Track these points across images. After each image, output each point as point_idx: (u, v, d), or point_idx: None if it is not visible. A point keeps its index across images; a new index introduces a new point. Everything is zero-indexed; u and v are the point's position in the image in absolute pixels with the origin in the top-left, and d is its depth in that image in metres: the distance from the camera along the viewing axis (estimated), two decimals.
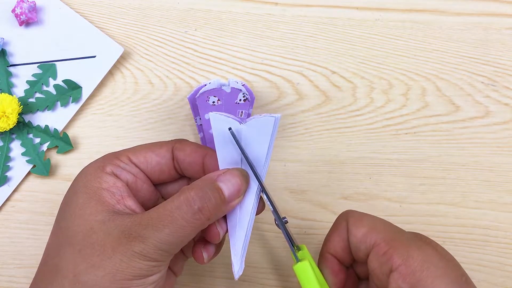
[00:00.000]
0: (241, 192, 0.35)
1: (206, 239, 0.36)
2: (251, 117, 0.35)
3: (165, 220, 0.32)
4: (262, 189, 0.36)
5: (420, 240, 0.35)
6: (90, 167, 0.36)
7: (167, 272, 0.38)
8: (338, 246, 0.37)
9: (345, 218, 0.37)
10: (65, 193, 0.46)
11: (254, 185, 0.36)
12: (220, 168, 0.36)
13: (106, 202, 0.34)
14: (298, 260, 0.36)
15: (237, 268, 0.36)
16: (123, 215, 0.33)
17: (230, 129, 0.35)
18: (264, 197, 0.37)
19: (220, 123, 0.35)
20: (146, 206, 0.38)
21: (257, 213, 0.37)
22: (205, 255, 0.37)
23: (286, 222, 0.37)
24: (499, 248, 0.45)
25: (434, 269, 0.33)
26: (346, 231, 0.37)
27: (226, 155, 0.36)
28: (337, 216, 0.38)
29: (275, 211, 0.37)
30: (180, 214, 0.32)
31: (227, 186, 0.34)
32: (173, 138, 0.46)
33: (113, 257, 0.31)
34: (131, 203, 0.35)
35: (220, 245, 0.38)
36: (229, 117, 0.35)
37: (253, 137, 0.35)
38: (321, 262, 0.38)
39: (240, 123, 0.35)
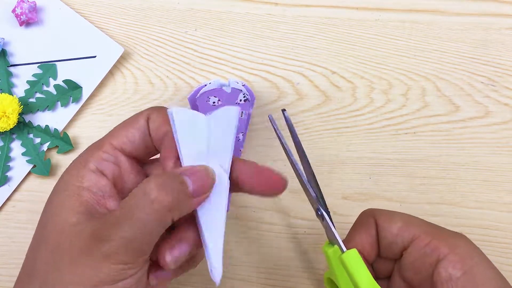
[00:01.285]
0: (207, 188, 0.32)
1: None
2: (213, 111, 0.34)
3: (125, 215, 0.30)
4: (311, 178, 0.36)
5: (458, 234, 0.35)
6: (74, 163, 0.34)
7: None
8: (366, 242, 0.37)
9: (372, 215, 0.37)
10: None
11: (224, 183, 0.34)
12: (185, 165, 0.33)
13: (84, 202, 0.32)
14: (343, 251, 0.35)
15: (217, 273, 0.33)
16: (99, 217, 0.32)
17: (283, 110, 0.35)
18: (304, 179, 0.36)
19: (183, 116, 0.33)
20: None
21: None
22: (168, 257, 0.32)
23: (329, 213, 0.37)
24: (499, 248, 0.45)
25: (482, 258, 0.33)
26: (374, 228, 0.36)
27: (191, 150, 0.33)
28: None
29: (321, 200, 0.37)
30: (138, 206, 0.30)
31: (192, 179, 0.31)
32: None
33: (79, 261, 0.30)
34: (112, 204, 0.33)
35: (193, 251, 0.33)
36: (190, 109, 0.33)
37: (218, 130, 0.34)
38: None
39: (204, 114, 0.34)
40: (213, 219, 0.33)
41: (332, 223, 0.37)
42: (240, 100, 0.44)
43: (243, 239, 0.46)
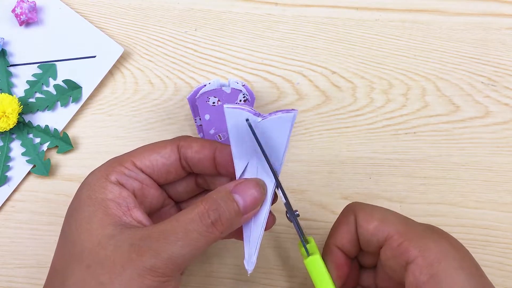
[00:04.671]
0: (258, 204, 0.34)
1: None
2: (267, 115, 0.34)
3: (179, 233, 0.31)
4: (278, 184, 0.35)
5: (434, 233, 0.35)
6: (94, 176, 0.35)
7: None
8: (345, 239, 0.37)
9: (353, 211, 0.37)
10: (65, 193, 0.46)
11: (269, 182, 0.35)
12: (235, 162, 0.35)
13: (112, 214, 0.33)
14: (308, 255, 0.36)
15: (251, 264, 0.35)
16: (132, 228, 0.32)
17: (247, 120, 0.33)
18: (279, 192, 0.36)
19: (235, 116, 0.34)
20: (154, 209, 0.37)
21: (268, 227, 0.36)
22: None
23: (298, 215, 0.36)
24: (499, 248, 0.45)
25: (452, 261, 0.33)
26: (354, 224, 0.36)
27: (241, 149, 0.35)
28: (340, 212, 0.38)
29: (288, 203, 0.36)
30: (194, 227, 0.31)
31: (243, 197, 0.33)
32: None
33: (123, 274, 0.30)
34: (138, 215, 0.34)
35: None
36: (244, 109, 0.33)
37: (271, 135, 0.34)
38: (326, 254, 0.37)
39: (256, 114, 0.34)
40: (255, 218, 0.35)
41: (299, 226, 0.36)
42: (240, 100, 0.44)
43: None
